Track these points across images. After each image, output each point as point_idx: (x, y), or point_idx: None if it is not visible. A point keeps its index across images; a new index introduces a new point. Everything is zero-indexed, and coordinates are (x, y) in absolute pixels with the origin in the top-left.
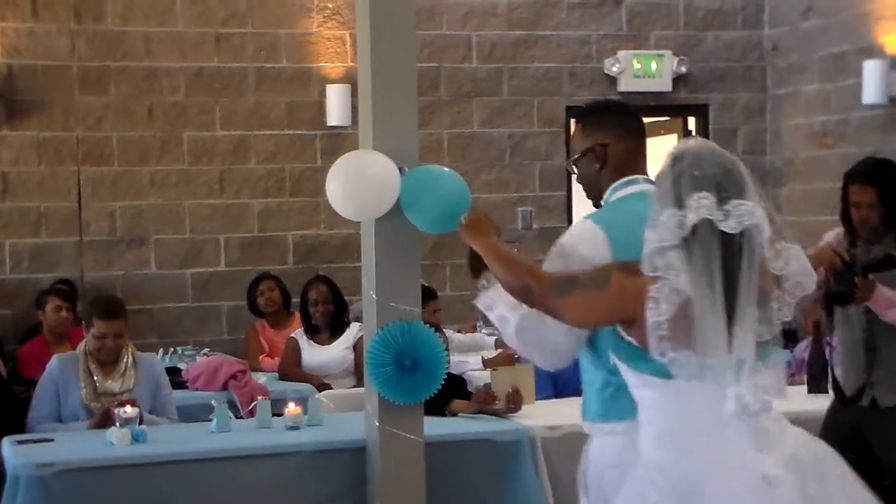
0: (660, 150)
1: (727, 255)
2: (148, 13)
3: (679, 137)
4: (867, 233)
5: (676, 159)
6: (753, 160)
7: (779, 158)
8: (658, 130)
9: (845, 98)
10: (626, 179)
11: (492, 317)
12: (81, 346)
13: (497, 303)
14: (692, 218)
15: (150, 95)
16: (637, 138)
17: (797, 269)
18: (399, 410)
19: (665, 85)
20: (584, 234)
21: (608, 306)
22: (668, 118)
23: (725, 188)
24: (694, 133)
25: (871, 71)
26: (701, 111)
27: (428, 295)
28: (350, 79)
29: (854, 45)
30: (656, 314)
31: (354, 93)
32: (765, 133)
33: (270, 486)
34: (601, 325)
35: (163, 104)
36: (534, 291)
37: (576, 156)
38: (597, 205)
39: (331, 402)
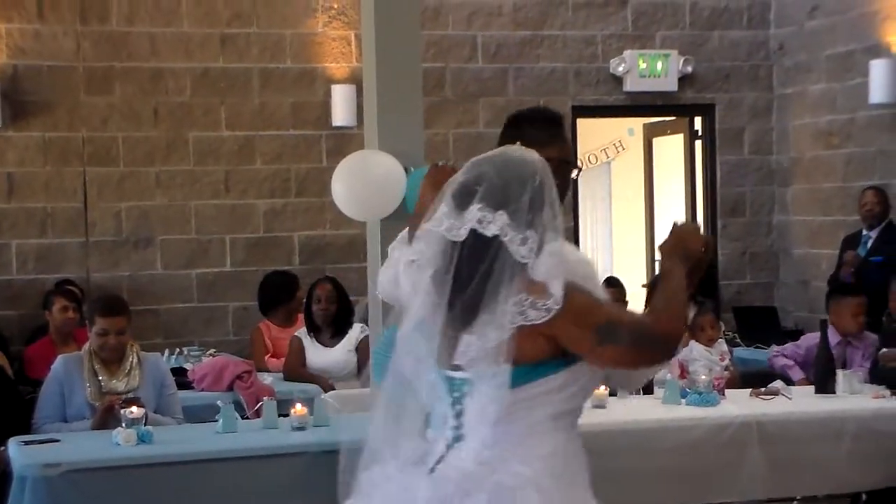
0: (666, 149)
1: (465, 263)
2: (153, 14)
3: (685, 137)
4: None
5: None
6: (760, 160)
7: (785, 158)
8: (664, 130)
9: (852, 98)
10: None
11: None
12: (86, 346)
13: None
14: (425, 230)
15: (155, 96)
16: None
17: (547, 271)
18: None
19: (671, 85)
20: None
21: None
22: (674, 118)
23: (471, 195)
24: (700, 133)
25: (878, 70)
26: (707, 111)
27: None
28: (355, 79)
29: (861, 45)
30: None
31: (360, 93)
32: (771, 132)
33: (277, 486)
34: None
35: (168, 104)
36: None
37: None
38: None
39: (337, 402)
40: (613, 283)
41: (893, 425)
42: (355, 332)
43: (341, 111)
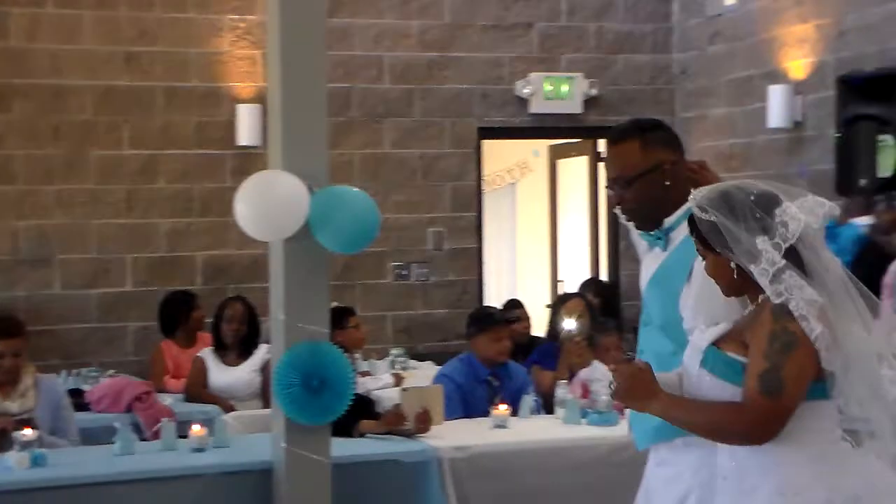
0: (570, 171)
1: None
2: (54, 30)
3: (589, 159)
4: None
5: (713, 205)
6: None
7: None
8: (569, 152)
9: (751, 122)
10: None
11: None
12: None
13: None
14: (794, 227)
15: (56, 114)
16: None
17: None
18: (306, 431)
19: (576, 107)
20: None
21: (813, 356)
22: (578, 140)
23: (777, 200)
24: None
25: (776, 95)
26: None
27: (346, 312)
28: (261, 98)
29: (759, 70)
30: (812, 330)
31: (265, 112)
32: None
33: None
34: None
35: (70, 123)
36: (742, 419)
37: (634, 175)
38: (652, 228)
39: (238, 423)
40: (516, 305)
41: None
42: (261, 353)
43: (246, 131)
